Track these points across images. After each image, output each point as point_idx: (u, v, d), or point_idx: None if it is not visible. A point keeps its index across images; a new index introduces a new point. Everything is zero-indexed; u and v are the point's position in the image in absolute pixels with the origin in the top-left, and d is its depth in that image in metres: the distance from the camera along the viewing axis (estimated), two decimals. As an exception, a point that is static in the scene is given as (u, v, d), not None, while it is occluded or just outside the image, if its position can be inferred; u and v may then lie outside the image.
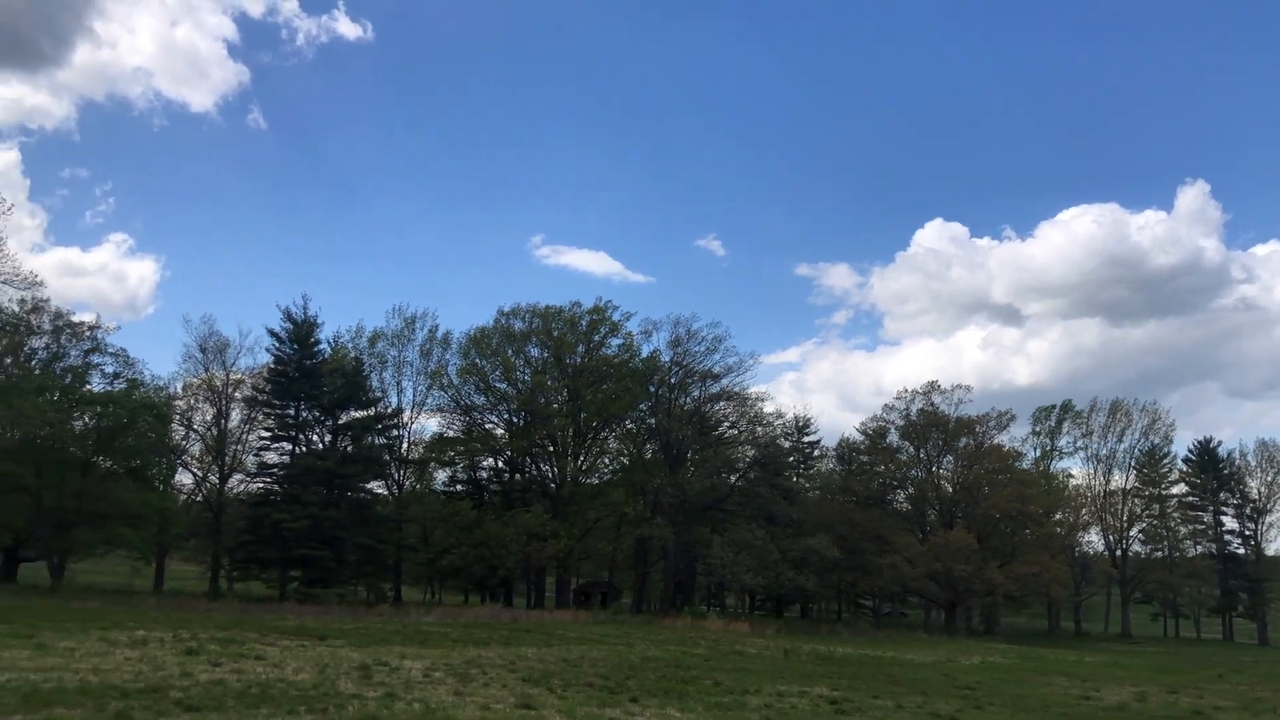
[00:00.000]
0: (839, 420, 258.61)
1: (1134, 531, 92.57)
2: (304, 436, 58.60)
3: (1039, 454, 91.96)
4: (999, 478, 70.79)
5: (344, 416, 59.30)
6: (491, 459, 71.44)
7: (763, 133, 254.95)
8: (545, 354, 68.36)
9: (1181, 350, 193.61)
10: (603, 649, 30.87)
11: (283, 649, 23.79)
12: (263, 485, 59.04)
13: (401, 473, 66.96)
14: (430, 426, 75.08)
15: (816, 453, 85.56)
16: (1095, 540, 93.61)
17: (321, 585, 51.71)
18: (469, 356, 67.35)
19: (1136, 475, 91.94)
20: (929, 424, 72.79)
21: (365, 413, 60.32)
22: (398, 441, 65.27)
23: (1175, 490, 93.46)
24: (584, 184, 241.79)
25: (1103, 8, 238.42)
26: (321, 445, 58.58)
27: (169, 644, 22.85)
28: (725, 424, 73.04)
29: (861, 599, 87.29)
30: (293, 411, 58.00)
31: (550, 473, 68.93)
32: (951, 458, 73.80)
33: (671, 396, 69.16)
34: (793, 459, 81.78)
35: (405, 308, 69.21)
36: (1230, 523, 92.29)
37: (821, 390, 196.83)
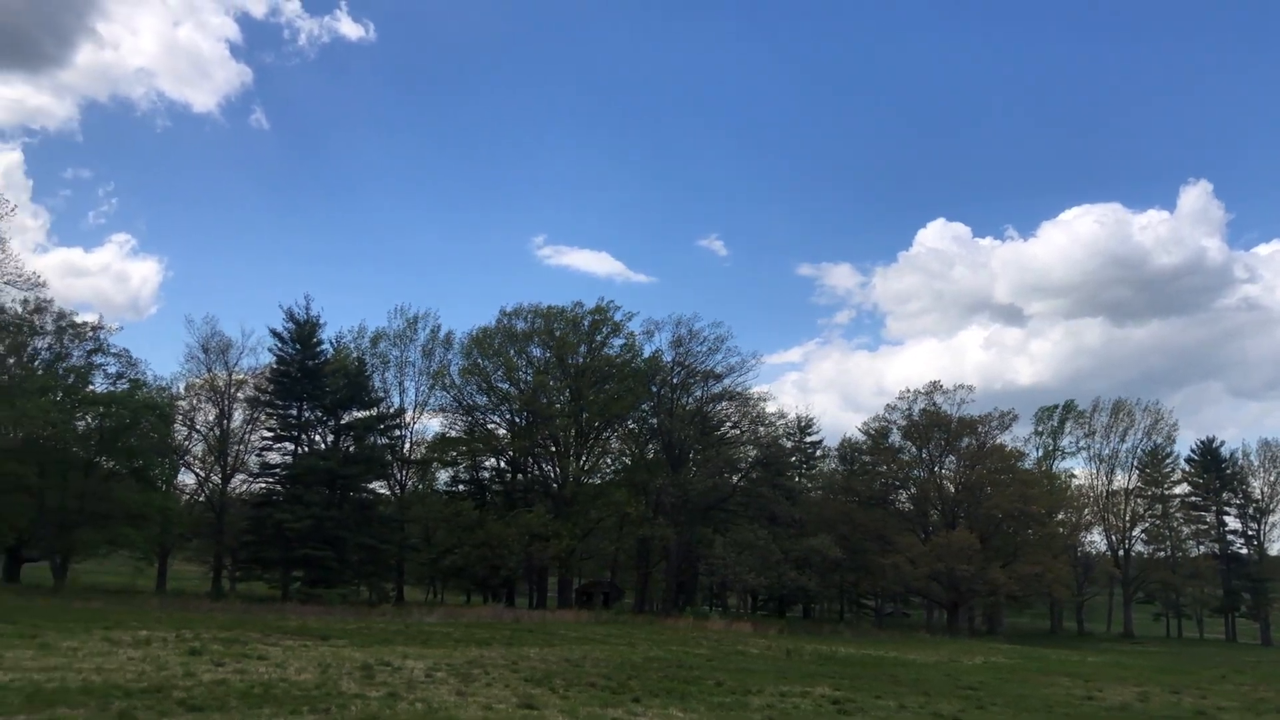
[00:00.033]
0: (841, 420, 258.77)
1: (1136, 531, 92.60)
2: (306, 437, 58.70)
3: (1041, 454, 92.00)
4: (1001, 478, 70.75)
5: (346, 417, 59.39)
6: (494, 459, 71.52)
7: (765, 133, 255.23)
8: (547, 354, 68.39)
9: (1184, 350, 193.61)
10: (605, 649, 30.88)
11: (285, 649, 23.81)
12: (265, 485, 59.19)
13: (404, 473, 67.06)
14: (432, 426, 75.37)
15: (819, 453, 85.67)
16: (1098, 540, 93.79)
17: (324, 585, 51.76)
18: (471, 357, 67.41)
19: (1139, 475, 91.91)
20: (931, 424, 72.75)
21: (367, 413, 60.39)
22: (400, 442, 65.40)
23: (1178, 490, 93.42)
24: (586, 184, 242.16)
25: (1105, 7, 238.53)
26: (324, 445, 58.66)
27: (172, 644, 22.87)
28: (727, 424, 73.06)
29: (864, 599, 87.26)
30: (295, 412, 58.08)
31: (552, 473, 68.97)
32: (954, 458, 73.78)
33: (673, 396, 69.17)
34: (795, 459, 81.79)
35: (407, 308, 69.20)
36: (1233, 523, 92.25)
37: (824, 390, 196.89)
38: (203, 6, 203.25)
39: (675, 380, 69.11)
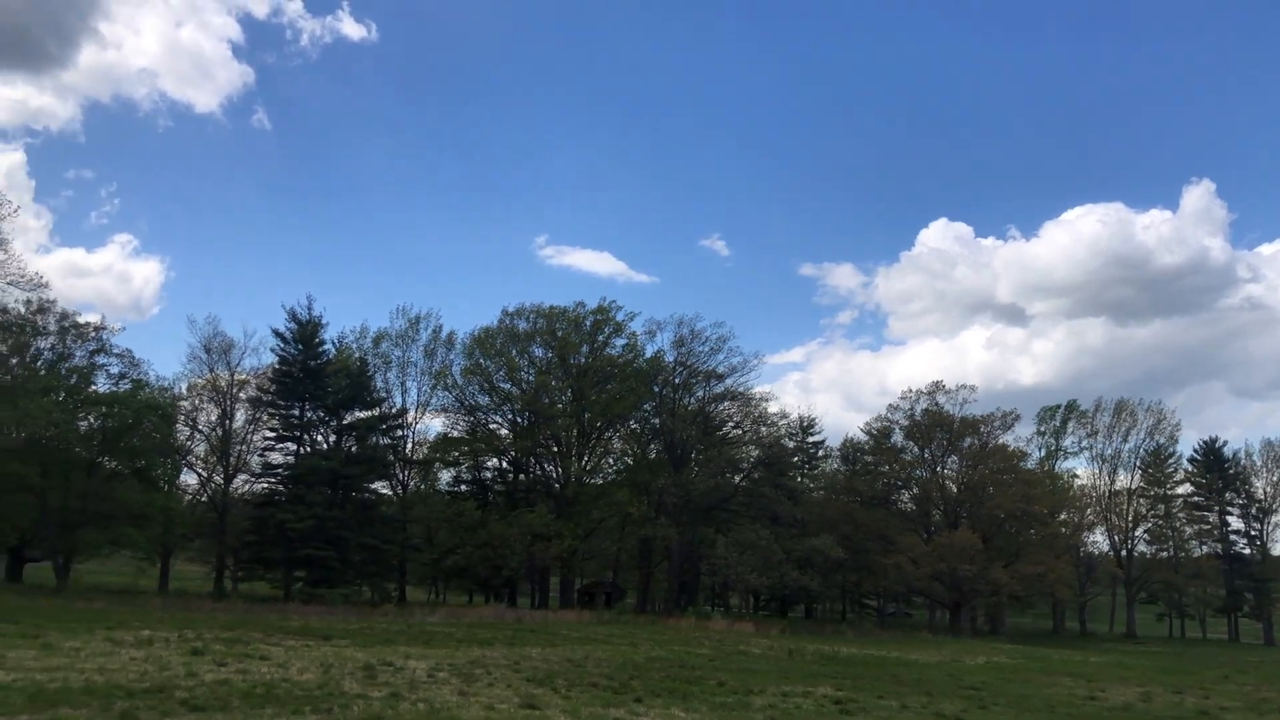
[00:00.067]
0: (843, 420, 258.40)
1: (1139, 531, 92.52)
2: (308, 437, 58.74)
3: (1044, 454, 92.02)
4: (1004, 478, 70.70)
5: (348, 417, 59.42)
6: (496, 459, 71.49)
7: (767, 133, 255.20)
8: (549, 354, 68.42)
9: (1187, 350, 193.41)
10: (607, 649, 30.87)
11: (287, 649, 23.82)
12: (267, 485, 59.25)
13: (406, 473, 67.05)
14: (434, 427, 75.28)
15: (821, 453, 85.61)
16: (1100, 540, 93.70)
17: (326, 585, 51.79)
18: (473, 357, 67.44)
19: (1141, 475, 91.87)
20: (933, 424, 72.71)
21: (370, 413, 60.43)
22: (402, 442, 65.39)
23: (1180, 490, 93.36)
24: (588, 184, 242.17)
25: (1107, 7, 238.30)
26: (326, 445, 58.69)
27: (174, 644, 22.89)
28: (729, 424, 73.01)
29: (866, 599, 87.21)
30: (297, 412, 58.14)
31: (554, 473, 68.95)
32: (956, 458, 73.74)
33: (675, 396, 69.16)
34: (797, 459, 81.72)
35: (409, 308, 69.33)
36: (1236, 523, 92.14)
37: (826, 390, 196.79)
38: (205, 7, 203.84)
39: (677, 380, 69.11)
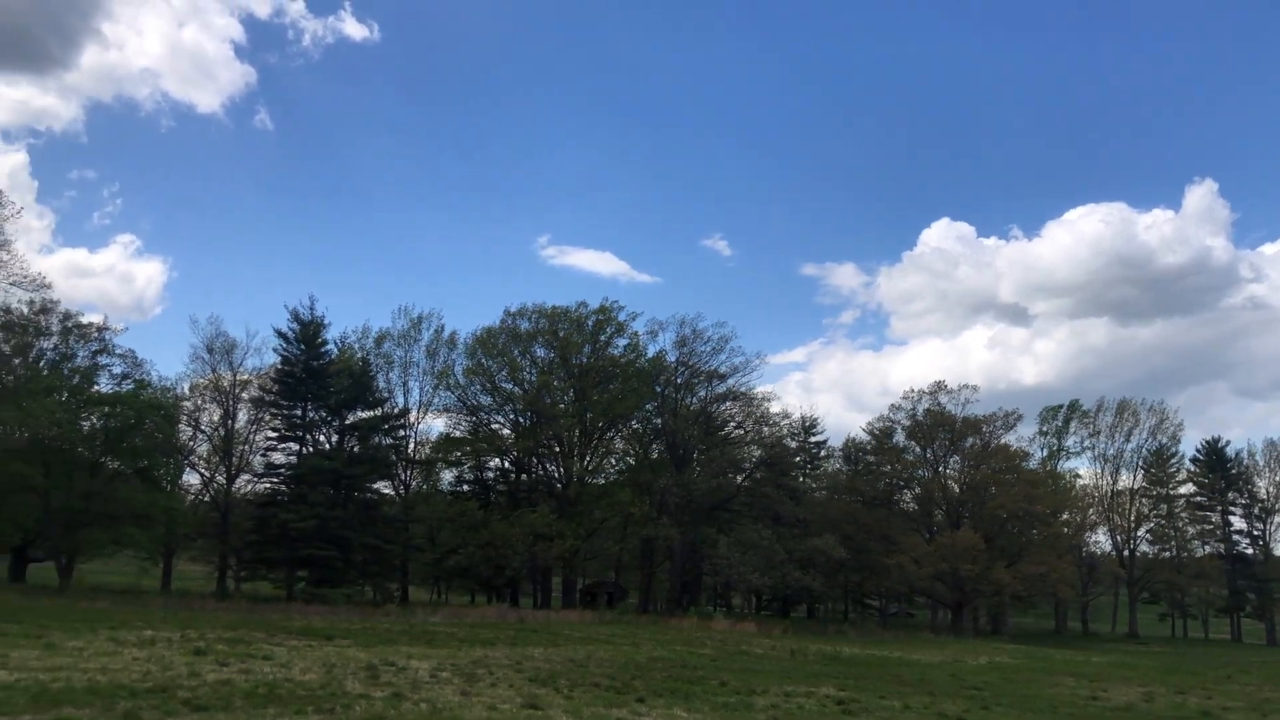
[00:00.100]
0: (845, 420, 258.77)
1: (1141, 531, 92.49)
2: (311, 437, 58.76)
3: (1046, 454, 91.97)
4: (1006, 478, 70.64)
5: (351, 417, 59.42)
6: (498, 459, 71.45)
7: (768, 132, 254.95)
8: (551, 354, 68.41)
9: (1189, 350, 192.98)
10: (609, 649, 30.88)
11: (290, 649, 23.85)
12: (270, 485, 59.28)
13: (408, 473, 67.07)
14: (437, 427, 75.10)
15: (823, 453, 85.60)
16: (1102, 540, 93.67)
17: (328, 585, 51.81)
18: (475, 357, 67.46)
19: (1144, 475, 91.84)
20: (935, 424, 72.68)
21: (372, 413, 60.44)
22: (404, 442, 65.35)
23: (1183, 490, 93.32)
24: (590, 184, 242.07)
25: (1109, 7, 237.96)
26: (328, 445, 58.70)
27: (177, 644, 22.93)
28: (731, 424, 72.97)
29: (868, 599, 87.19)
30: (300, 412, 58.16)
31: (556, 473, 68.96)
32: (958, 458, 73.70)
33: (678, 396, 69.15)
34: (799, 459, 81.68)
35: (411, 308, 69.08)
36: (1238, 523, 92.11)
37: (828, 390, 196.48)
38: (207, 7, 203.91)
39: (679, 380, 69.10)
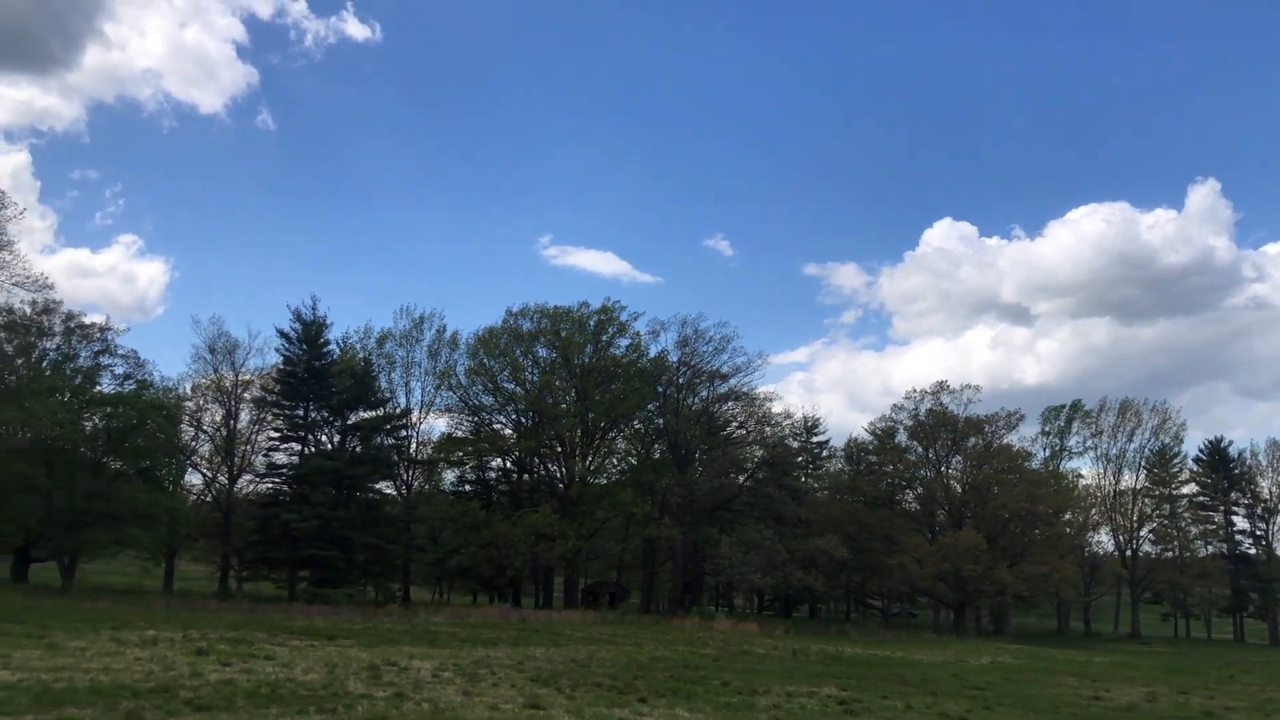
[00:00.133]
0: (847, 420, 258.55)
1: (1144, 531, 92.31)
2: (313, 437, 58.77)
3: (1048, 454, 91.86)
4: (1008, 478, 70.58)
5: (353, 417, 59.44)
6: (500, 459, 71.50)
7: (770, 132, 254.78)
8: (553, 354, 68.45)
9: (1192, 349, 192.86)
10: (611, 649, 30.87)
11: (292, 649, 23.86)
12: (272, 485, 59.29)
13: (410, 473, 67.10)
14: (438, 427, 75.21)
15: (825, 453, 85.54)
16: (1105, 540, 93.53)
17: (330, 585, 51.81)
18: (477, 357, 67.53)
19: (1146, 475, 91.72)
20: (938, 424, 72.64)
21: (374, 413, 60.47)
22: (406, 442, 65.38)
23: (1186, 490, 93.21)
24: (592, 184, 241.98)
25: (1111, 6, 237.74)
26: (330, 446, 58.73)
27: (179, 644, 22.94)
28: (733, 424, 72.96)
29: (870, 599, 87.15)
30: (302, 412, 58.18)
31: (558, 473, 68.98)
32: (960, 458, 73.66)
33: (679, 396, 69.15)
34: (801, 459, 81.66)
35: (413, 308, 69.30)
36: (1241, 523, 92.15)
37: (830, 390, 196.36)
38: (209, 8, 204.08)
39: (681, 380, 69.10)
